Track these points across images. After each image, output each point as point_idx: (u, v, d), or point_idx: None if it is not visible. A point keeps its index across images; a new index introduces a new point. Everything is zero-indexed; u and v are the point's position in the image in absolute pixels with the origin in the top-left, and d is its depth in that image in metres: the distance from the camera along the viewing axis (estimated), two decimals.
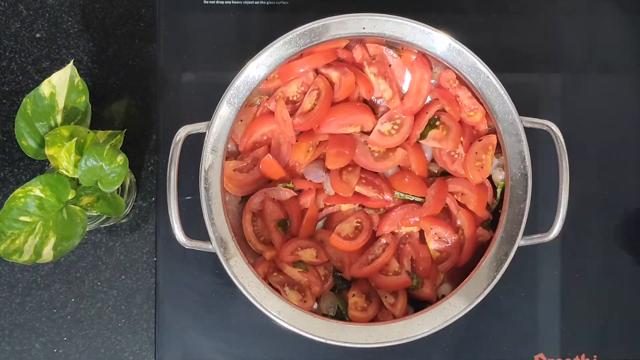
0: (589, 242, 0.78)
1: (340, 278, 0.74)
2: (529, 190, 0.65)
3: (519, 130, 0.65)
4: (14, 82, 0.77)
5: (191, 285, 0.76)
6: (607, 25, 0.80)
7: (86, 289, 0.76)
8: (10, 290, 0.76)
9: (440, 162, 0.73)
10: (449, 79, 0.70)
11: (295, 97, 0.72)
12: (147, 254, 0.77)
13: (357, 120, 0.72)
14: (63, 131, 0.63)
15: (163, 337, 0.75)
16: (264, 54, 0.65)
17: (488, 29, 0.80)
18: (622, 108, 0.80)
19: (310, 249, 0.72)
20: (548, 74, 0.79)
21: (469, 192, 0.71)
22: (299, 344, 0.75)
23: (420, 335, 0.64)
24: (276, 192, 0.72)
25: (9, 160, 0.77)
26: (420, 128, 0.71)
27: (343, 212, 0.74)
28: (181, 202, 0.64)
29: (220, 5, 0.79)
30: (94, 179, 0.63)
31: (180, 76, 0.78)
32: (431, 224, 0.71)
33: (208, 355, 0.76)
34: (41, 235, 0.62)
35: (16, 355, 0.75)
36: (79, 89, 0.66)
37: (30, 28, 0.78)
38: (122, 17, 0.79)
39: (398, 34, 0.66)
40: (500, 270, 0.65)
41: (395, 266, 0.72)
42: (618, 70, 0.80)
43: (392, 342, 0.64)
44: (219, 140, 0.65)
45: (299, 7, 0.78)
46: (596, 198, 0.78)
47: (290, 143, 0.72)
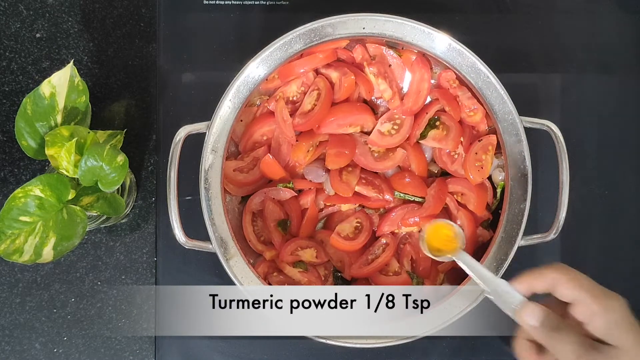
0: (589, 242, 0.78)
1: (340, 278, 0.74)
2: (529, 190, 0.65)
3: (519, 130, 0.65)
4: (14, 82, 0.77)
5: (191, 285, 0.76)
6: (607, 25, 0.80)
7: (86, 289, 0.76)
8: (10, 290, 0.76)
9: (440, 162, 0.73)
10: (449, 79, 0.70)
11: (295, 97, 0.72)
12: (147, 254, 0.77)
13: (357, 120, 0.72)
14: (63, 131, 0.63)
15: (163, 337, 0.75)
16: (264, 54, 0.65)
17: (488, 29, 0.80)
18: (622, 108, 0.80)
19: (310, 249, 0.72)
20: (548, 74, 0.79)
21: (468, 192, 0.71)
22: (299, 344, 0.75)
23: (421, 335, 0.64)
24: (276, 192, 0.72)
25: (9, 160, 0.77)
26: (420, 128, 0.71)
27: (343, 212, 0.74)
28: (181, 202, 0.64)
29: (220, 5, 0.79)
30: (94, 179, 0.63)
31: (180, 76, 0.78)
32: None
33: (208, 356, 0.76)
34: (41, 235, 0.62)
35: (16, 355, 0.75)
36: (79, 89, 0.66)
37: (30, 28, 0.78)
38: (122, 17, 0.79)
39: (398, 34, 0.66)
40: (501, 270, 0.65)
41: (395, 266, 0.72)
42: (618, 70, 0.80)
43: (392, 342, 0.64)
44: (219, 140, 0.65)
45: (299, 7, 0.78)
46: (596, 198, 0.78)
47: (290, 143, 0.72)
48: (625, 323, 0.53)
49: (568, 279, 0.54)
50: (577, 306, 0.54)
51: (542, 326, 0.54)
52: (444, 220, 0.67)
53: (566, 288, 0.54)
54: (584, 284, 0.54)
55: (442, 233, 0.65)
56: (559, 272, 0.55)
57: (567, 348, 0.52)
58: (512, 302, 0.56)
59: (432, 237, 0.65)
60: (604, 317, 0.53)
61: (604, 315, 0.53)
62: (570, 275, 0.54)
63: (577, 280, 0.54)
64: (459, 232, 0.65)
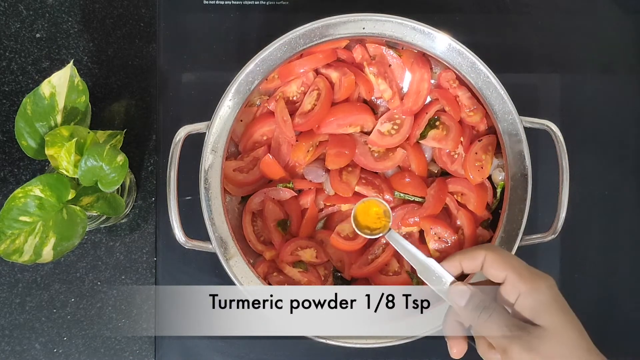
0: (589, 242, 0.78)
1: (340, 278, 0.74)
2: (529, 190, 0.65)
3: (519, 130, 0.65)
4: (14, 82, 0.77)
5: (191, 285, 0.76)
6: (607, 25, 0.80)
7: (86, 289, 0.76)
8: (10, 290, 0.76)
9: (440, 162, 0.73)
10: (449, 79, 0.70)
11: (295, 97, 0.72)
12: (147, 254, 0.77)
13: (357, 120, 0.72)
14: (63, 131, 0.63)
15: (163, 337, 0.75)
16: (264, 54, 0.65)
17: (488, 29, 0.80)
18: (622, 108, 0.80)
19: (310, 249, 0.72)
20: (548, 74, 0.79)
21: (468, 192, 0.71)
22: (299, 344, 0.75)
23: (421, 335, 0.64)
24: (276, 192, 0.72)
25: (9, 160, 0.77)
26: (420, 128, 0.71)
27: (343, 212, 0.74)
28: (181, 202, 0.64)
29: (220, 5, 0.79)
30: (94, 179, 0.63)
31: (180, 76, 0.78)
32: (431, 224, 0.71)
33: (208, 355, 0.76)
34: (41, 235, 0.62)
35: (16, 355, 0.75)
36: (79, 89, 0.66)
37: (30, 28, 0.78)
38: (122, 17, 0.79)
39: (398, 34, 0.66)
40: None
41: (395, 266, 0.72)
42: (618, 70, 0.80)
43: (392, 342, 0.64)
44: (219, 140, 0.65)
45: (299, 7, 0.78)
46: (596, 198, 0.78)
47: (290, 143, 0.72)
48: (553, 304, 0.52)
49: (496, 258, 0.54)
50: (505, 286, 0.53)
51: (469, 305, 0.54)
52: (374, 198, 0.66)
53: (494, 268, 0.54)
54: (513, 264, 0.53)
55: (372, 211, 0.65)
56: (489, 251, 0.54)
57: (494, 327, 0.52)
58: (442, 282, 0.56)
59: (362, 216, 0.64)
60: (531, 297, 0.52)
61: (530, 295, 0.52)
62: (499, 255, 0.54)
63: (505, 260, 0.54)
64: (388, 210, 0.64)
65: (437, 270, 0.57)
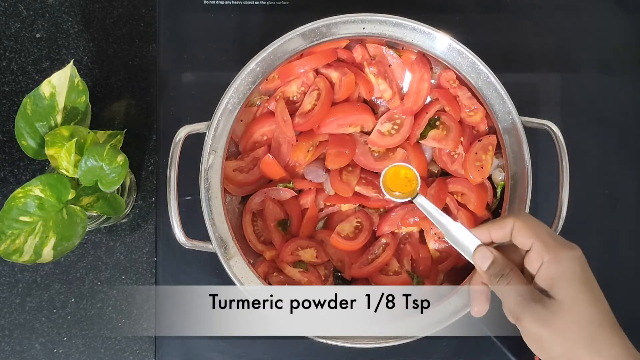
0: (589, 242, 0.78)
1: (340, 278, 0.74)
2: (529, 190, 0.65)
3: (519, 130, 0.65)
4: (14, 82, 0.77)
5: (191, 285, 0.76)
6: (607, 25, 0.80)
7: (86, 289, 0.76)
8: (10, 290, 0.76)
9: (440, 162, 0.73)
10: (449, 79, 0.70)
11: (295, 97, 0.72)
12: (147, 254, 0.77)
13: (357, 120, 0.72)
14: (63, 131, 0.63)
15: (163, 337, 0.75)
16: (264, 54, 0.65)
17: (488, 29, 0.80)
18: (622, 108, 0.80)
19: (310, 249, 0.72)
20: (548, 74, 0.79)
21: (469, 192, 0.71)
22: (299, 344, 0.75)
23: (421, 335, 0.64)
24: (276, 192, 0.72)
25: (9, 160, 0.77)
26: (420, 128, 0.71)
27: (343, 212, 0.74)
28: (181, 202, 0.64)
29: (220, 5, 0.79)
30: (94, 179, 0.64)
31: (180, 76, 0.78)
32: (431, 224, 0.71)
33: (208, 355, 0.76)
34: (41, 235, 0.62)
35: (16, 355, 0.75)
36: (79, 89, 0.66)
37: (30, 28, 0.78)
38: (122, 17, 0.79)
39: (398, 34, 0.66)
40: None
41: (395, 266, 0.72)
42: (618, 70, 0.80)
43: (392, 342, 0.64)
44: (219, 140, 0.65)
45: (299, 7, 0.78)
46: (596, 198, 0.78)
47: (290, 143, 0.72)
48: (572, 276, 0.51)
49: (523, 225, 0.53)
50: (531, 254, 0.52)
51: (491, 270, 0.54)
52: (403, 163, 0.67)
53: (521, 235, 0.53)
54: (540, 232, 0.52)
55: (401, 174, 0.65)
56: (517, 218, 0.54)
57: (510, 295, 0.52)
58: (469, 246, 0.57)
59: (391, 180, 0.65)
60: (552, 267, 0.51)
61: (551, 265, 0.51)
62: (527, 222, 0.53)
63: (533, 228, 0.52)
64: (417, 175, 0.64)
65: (465, 234, 0.57)
